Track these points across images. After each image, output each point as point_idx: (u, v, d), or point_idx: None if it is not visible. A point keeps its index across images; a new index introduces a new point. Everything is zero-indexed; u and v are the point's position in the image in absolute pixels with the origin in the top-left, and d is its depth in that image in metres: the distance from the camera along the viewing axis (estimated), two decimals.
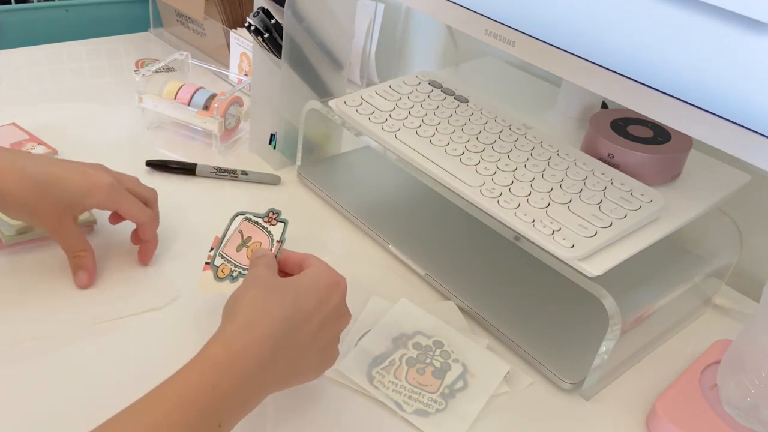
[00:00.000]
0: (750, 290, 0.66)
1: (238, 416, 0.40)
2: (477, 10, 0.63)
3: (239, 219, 0.56)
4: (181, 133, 0.81)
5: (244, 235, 0.55)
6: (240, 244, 0.55)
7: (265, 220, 0.56)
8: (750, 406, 0.48)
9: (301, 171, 0.74)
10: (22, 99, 0.85)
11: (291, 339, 0.42)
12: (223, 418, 0.38)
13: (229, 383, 0.39)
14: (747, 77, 0.46)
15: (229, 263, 0.53)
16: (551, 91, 0.75)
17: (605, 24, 0.53)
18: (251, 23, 0.69)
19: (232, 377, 0.39)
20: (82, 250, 0.56)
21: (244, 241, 0.55)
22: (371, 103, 0.66)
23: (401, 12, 0.97)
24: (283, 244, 0.53)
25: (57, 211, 0.53)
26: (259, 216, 0.56)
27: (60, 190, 0.52)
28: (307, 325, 0.43)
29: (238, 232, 0.55)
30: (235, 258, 0.54)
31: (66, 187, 0.53)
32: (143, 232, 0.58)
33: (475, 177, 0.57)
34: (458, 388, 0.51)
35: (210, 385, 0.38)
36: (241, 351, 0.40)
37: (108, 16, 1.13)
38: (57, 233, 0.55)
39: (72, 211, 0.54)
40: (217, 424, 0.38)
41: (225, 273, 0.53)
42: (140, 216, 0.57)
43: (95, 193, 0.54)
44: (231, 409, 0.39)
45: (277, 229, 0.55)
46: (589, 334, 0.54)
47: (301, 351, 0.43)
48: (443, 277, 0.61)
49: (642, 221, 0.53)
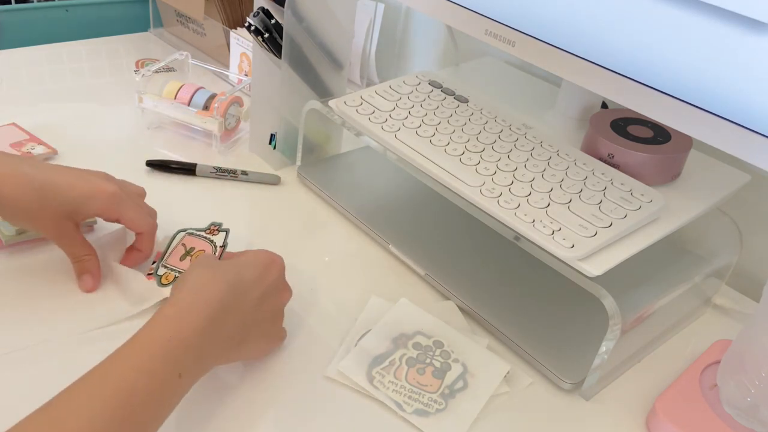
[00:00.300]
0: (750, 290, 0.66)
1: (196, 369, 0.43)
2: (477, 10, 0.63)
3: (181, 234, 0.60)
4: (181, 133, 0.81)
5: (187, 247, 0.58)
6: (183, 254, 0.58)
7: (207, 232, 0.60)
8: (750, 406, 0.48)
9: (301, 171, 0.75)
10: (22, 99, 0.85)
11: (236, 304, 0.46)
12: (182, 368, 0.41)
13: (183, 335, 0.42)
14: (747, 77, 0.46)
15: (173, 271, 0.56)
16: (551, 91, 0.75)
17: (605, 24, 0.53)
18: (251, 23, 0.69)
19: (185, 330, 0.42)
20: (86, 254, 0.56)
21: (188, 251, 0.58)
22: (371, 103, 0.66)
23: (401, 12, 0.97)
24: (225, 248, 0.57)
25: (58, 217, 0.53)
26: (201, 230, 0.60)
27: (61, 197, 0.52)
28: (250, 293, 0.47)
29: (180, 245, 0.59)
30: (178, 266, 0.57)
31: (67, 193, 0.52)
32: (140, 242, 0.58)
33: (475, 177, 0.57)
34: (458, 388, 0.51)
35: (166, 337, 0.41)
36: (190, 307, 0.44)
37: (108, 16, 1.13)
38: (59, 239, 0.55)
39: (73, 218, 0.54)
40: (177, 373, 0.41)
41: (169, 280, 0.56)
42: (141, 225, 0.57)
43: (97, 200, 0.53)
44: (188, 360, 0.42)
45: (220, 237, 0.59)
46: (589, 334, 0.54)
47: (248, 318, 0.47)
48: (443, 277, 0.61)
49: (642, 221, 0.53)
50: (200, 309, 0.44)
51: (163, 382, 0.40)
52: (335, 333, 0.55)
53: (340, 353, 0.53)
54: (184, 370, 0.42)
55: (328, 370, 0.51)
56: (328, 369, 0.51)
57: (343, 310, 0.58)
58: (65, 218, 0.53)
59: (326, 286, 0.60)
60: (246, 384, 0.50)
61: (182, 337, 0.42)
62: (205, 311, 0.44)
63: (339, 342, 0.54)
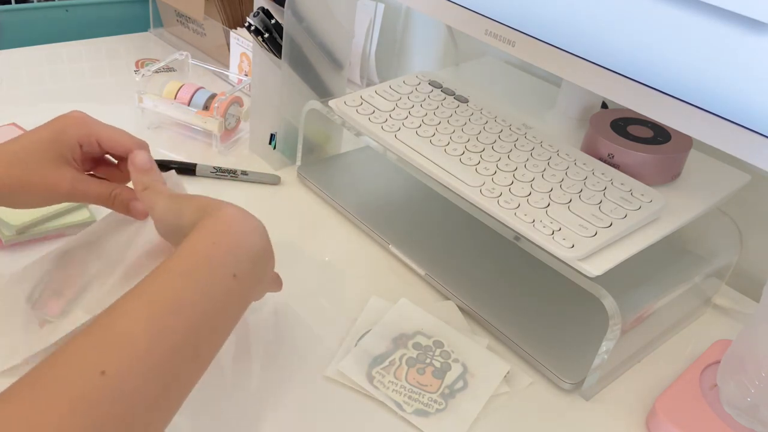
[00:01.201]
0: (750, 290, 0.66)
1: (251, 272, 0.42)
2: (477, 10, 0.63)
3: None
4: (181, 133, 0.81)
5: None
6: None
7: None
8: (750, 406, 0.48)
9: (301, 171, 0.75)
10: (22, 99, 0.85)
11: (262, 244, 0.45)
12: (235, 268, 0.40)
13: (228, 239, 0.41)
14: (747, 77, 0.46)
15: None
16: (551, 91, 0.75)
17: (605, 24, 0.53)
18: (251, 23, 0.69)
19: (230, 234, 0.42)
20: (115, 188, 0.51)
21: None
22: (371, 103, 0.66)
23: (401, 12, 0.97)
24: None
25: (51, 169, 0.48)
26: None
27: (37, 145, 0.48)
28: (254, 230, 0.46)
29: None
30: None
31: (38, 138, 0.48)
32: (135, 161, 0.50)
33: (475, 177, 0.57)
34: (458, 388, 0.51)
35: (210, 242, 0.41)
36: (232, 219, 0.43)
37: (108, 16, 1.13)
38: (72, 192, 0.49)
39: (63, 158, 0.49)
40: (230, 273, 0.40)
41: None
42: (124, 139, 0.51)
43: (69, 124, 0.49)
44: (240, 260, 0.41)
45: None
46: (589, 334, 0.54)
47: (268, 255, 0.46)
48: (443, 277, 0.61)
49: (642, 221, 0.53)
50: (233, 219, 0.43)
51: (213, 284, 0.39)
52: (335, 333, 0.55)
53: (340, 353, 0.53)
54: (239, 269, 0.40)
55: (328, 370, 0.51)
56: (328, 369, 0.51)
57: (343, 310, 0.58)
58: (56, 163, 0.48)
59: (326, 286, 0.60)
60: (246, 384, 0.50)
61: (227, 241, 0.41)
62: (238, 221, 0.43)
63: (339, 342, 0.54)
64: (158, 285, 0.38)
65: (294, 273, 0.61)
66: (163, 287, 0.38)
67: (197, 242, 0.41)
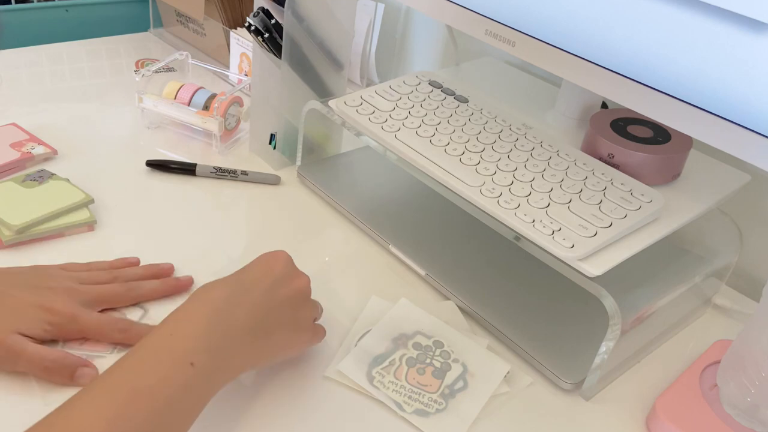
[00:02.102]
0: (750, 290, 0.66)
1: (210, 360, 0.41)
2: (477, 10, 0.63)
3: None
4: (181, 133, 0.81)
5: None
6: None
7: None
8: (750, 406, 0.48)
9: (301, 171, 0.74)
10: (22, 99, 0.85)
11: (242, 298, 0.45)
12: (192, 357, 0.40)
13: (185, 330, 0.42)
14: (747, 77, 0.46)
15: None
16: (551, 91, 0.75)
17: (605, 24, 0.53)
18: (251, 23, 0.69)
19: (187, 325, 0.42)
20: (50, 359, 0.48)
21: None
22: (371, 103, 0.66)
23: (401, 12, 0.97)
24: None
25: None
26: None
27: None
28: (257, 287, 0.46)
29: None
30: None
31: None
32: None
33: (475, 177, 0.57)
34: (458, 388, 0.51)
35: (167, 334, 0.41)
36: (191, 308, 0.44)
37: (108, 16, 1.13)
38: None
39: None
40: (187, 362, 0.40)
41: None
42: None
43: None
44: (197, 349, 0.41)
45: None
46: (589, 334, 0.54)
47: (262, 309, 0.45)
48: (443, 277, 0.61)
49: (642, 221, 0.53)
50: (201, 306, 0.43)
51: (169, 377, 0.39)
52: (335, 333, 0.55)
53: (339, 353, 0.53)
54: (196, 359, 0.40)
55: (328, 370, 0.51)
56: (328, 369, 0.51)
57: (343, 310, 0.58)
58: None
59: (326, 286, 0.60)
60: (246, 384, 0.50)
61: (185, 330, 0.41)
62: (207, 307, 0.43)
63: (339, 342, 0.54)
64: (117, 375, 0.39)
65: None
66: (122, 377, 0.39)
67: (157, 332, 0.42)
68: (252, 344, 0.45)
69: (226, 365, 0.43)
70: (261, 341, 0.45)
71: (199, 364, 0.40)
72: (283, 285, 0.48)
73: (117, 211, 0.65)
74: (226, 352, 0.43)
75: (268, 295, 0.46)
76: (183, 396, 0.39)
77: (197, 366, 0.40)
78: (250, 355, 0.45)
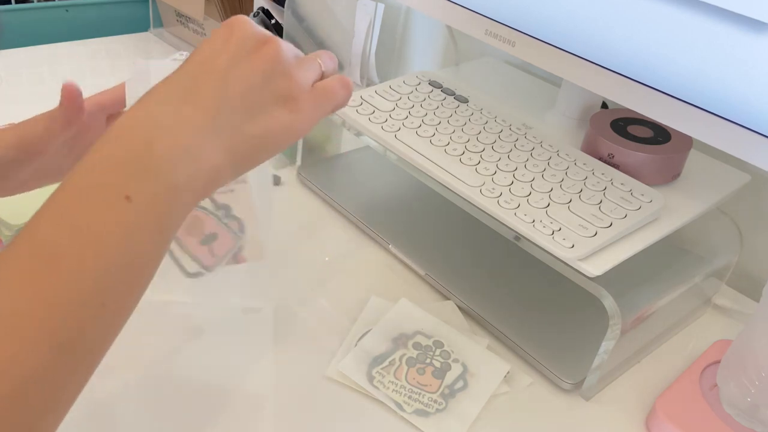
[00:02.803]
0: (750, 290, 0.66)
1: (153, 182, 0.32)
2: (477, 10, 0.63)
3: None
4: None
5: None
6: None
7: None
8: (750, 406, 0.48)
9: (301, 171, 0.74)
10: (22, 99, 0.85)
11: (189, 94, 0.35)
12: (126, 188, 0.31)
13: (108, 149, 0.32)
14: (747, 77, 0.46)
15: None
16: (551, 91, 0.75)
17: (605, 24, 0.53)
18: None
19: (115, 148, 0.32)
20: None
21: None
22: (371, 103, 0.66)
23: (401, 12, 0.97)
24: None
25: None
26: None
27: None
28: (208, 74, 0.35)
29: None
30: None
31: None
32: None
33: (475, 177, 0.57)
34: (458, 388, 0.51)
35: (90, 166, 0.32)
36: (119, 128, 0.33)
37: (108, 16, 1.13)
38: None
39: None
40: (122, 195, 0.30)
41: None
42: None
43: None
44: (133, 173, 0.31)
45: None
46: (589, 334, 0.54)
47: (220, 102, 0.35)
48: (443, 277, 0.61)
49: (642, 221, 0.53)
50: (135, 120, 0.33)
51: (96, 217, 0.30)
52: (335, 333, 0.55)
53: (340, 353, 0.53)
54: (132, 189, 0.31)
55: (328, 370, 0.51)
56: (328, 369, 0.51)
57: (343, 310, 0.58)
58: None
59: (326, 286, 0.60)
60: (246, 384, 0.50)
61: (107, 150, 0.32)
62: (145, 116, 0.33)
63: (339, 342, 0.54)
64: (34, 236, 0.30)
65: (294, 273, 0.61)
66: (38, 238, 0.30)
67: (75, 170, 0.31)
68: (217, 146, 0.34)
69: (183, 183, 0.33)
70: (230, 137, 0.35)
71: (138, 192, 0.31)
72: (244, 59, 0.36)
73: None
74: (180, 167, 0.33)
75: (225, 77, 0.35)
76: (120, 241, 0.30)
77: (135, 198, 0.31)
78: (220, 160, 0.34)
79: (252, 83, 0.36)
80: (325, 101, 0.40)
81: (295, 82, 0.38)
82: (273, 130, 0.37)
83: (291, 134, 0.38)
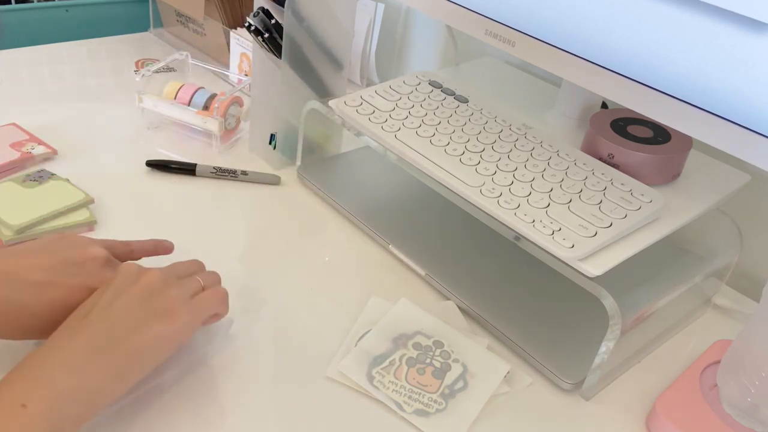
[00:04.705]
0: (750, 290, 0.66)
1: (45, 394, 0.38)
2: (477, 10, 0.63)
3: None
4: (181, 133, 0.81)
5: None
6: None
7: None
8: (750, 406, 0.48)
9: (301, 171, 0.75)
10: (22, 99, 0.85)
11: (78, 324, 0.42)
12: (25, 398, 0.37)
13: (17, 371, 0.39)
14: (747, 77, 0.46)
15: None
16: (551, 91, 0.75)
17: (605, 24, 0.53)
18: (251, 23, 0.69)
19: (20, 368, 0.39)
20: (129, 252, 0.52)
21: None
22: (371, 103, 0.66)
23: (401, 12, 0.97)
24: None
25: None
26: None
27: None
28: (101, 296, 0.44)
29: None
30: None
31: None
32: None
33: (475, 177, 0.57)
34: (458, 388, 0.51)
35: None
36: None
37: (108, 16, 1.13)
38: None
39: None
40: (19, 404, 0.37)
41: None
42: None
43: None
44: (29, 388, 0.38)
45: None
46: (589, 334, 0.54)
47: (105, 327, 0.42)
48: (443, 277, 0.61)
49: (642, 221, 0.53)
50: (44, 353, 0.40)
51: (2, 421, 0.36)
52: (335, 333, 0.55)
53: (340, 353, 0.53)
54: (28, 398, 0.37)
55: (328, 370, 0.51)
56: (328, 369, 0.51)
57: (343, 310, 0.58)
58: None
59: (326, 286, 0.60)
60: (246, 384, 0.50)
61: (20, 369, 0.38)
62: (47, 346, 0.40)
63: (339, 342, 0.54)
64: None
65: (294, 273, 0.61)
66: None
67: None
68: (100, 361, 0.40)
69: (76, 398, 0.39)
70: (113, 351, 0.41)
71: (35, 401, 0.37)
72: (125, 291, 0.44)
73: (117, 211, 0.65)
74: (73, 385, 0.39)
75: (110, 305, 0.43)
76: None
77: (30, 407, 0.37)
78: (104, 373, 0.41)
79: (131, 305, 0.43)
80: (202, 310, 0.48)
81: (172, 298, 0.45)
82: (152, 339, 0.43)
83: (171, 341, 0.45)
